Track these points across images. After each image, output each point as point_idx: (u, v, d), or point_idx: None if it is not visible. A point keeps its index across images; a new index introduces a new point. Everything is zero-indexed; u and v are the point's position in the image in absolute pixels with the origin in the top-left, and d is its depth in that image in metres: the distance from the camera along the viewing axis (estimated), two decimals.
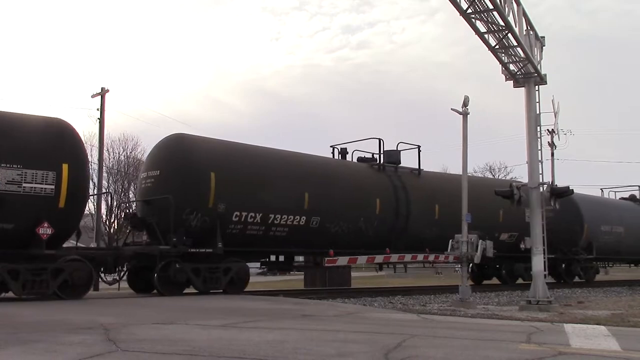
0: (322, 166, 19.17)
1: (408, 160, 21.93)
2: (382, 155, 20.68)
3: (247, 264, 18.36)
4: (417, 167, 21.48)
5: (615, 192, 33.58)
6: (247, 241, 16.50)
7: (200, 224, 15.42)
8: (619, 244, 28.42)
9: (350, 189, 18.99)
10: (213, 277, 15.57)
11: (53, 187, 13.04)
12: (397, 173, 20.81)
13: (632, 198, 32.66)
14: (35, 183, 12.87)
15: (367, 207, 19.14)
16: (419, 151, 21.46)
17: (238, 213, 16.00)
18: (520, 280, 24.18)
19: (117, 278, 15.27)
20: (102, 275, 14.88)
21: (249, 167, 16.79)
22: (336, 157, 21.06)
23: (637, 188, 33.49)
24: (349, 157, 21.07)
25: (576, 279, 27.03)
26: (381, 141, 20.64)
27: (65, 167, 13.23)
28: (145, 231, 16.47)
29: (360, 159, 20.96)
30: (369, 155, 21.16)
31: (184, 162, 15.78)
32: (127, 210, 17.32)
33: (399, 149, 21.40)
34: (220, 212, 15.63)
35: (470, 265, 24.64)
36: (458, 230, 20.16)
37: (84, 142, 15.09)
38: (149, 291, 15.53)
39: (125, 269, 15.34)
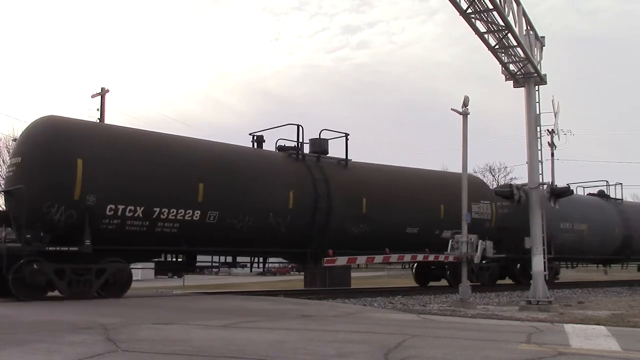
0: (223, 154, 16.83)
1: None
2: (301, 144, 18.60)
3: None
4: (344, 157, 19.44)
5: (583, 187, 31.13)
6: (127, 238, 14.41)
7: (65, 219, 13.41)
8: (582, 243, 26.15)
9: (258, 180, 16.81)
10: (81, 280, 13.58)
11: None
12: (319, 163, 18.65)
13: (601, 194, 30.21)
14: None
15: (277, 201, 16.99)
16: (347, 139, 19.48)
17: (113, 206, 13.92)
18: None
19: None
20: None
21: (128, 154, 14.61)
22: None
23: (604, 183, 30.91)
24: (272, 147, 19.15)
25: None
26: (300, 128, 18.53)
27: None
28: (4, 226, 14.52)
29: (280, 148, 18.83)
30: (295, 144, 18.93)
31: (44, 148, 13.74)
32: None
33: (327, 138, 19.61)
34: (90, 205, 13.59)
35: (414, 266, 23.55)
36: (389, 226, 19.12)
37: None
38: (11, 295, 13.06)
39: None
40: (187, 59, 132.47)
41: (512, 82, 15.11)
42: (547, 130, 29.43)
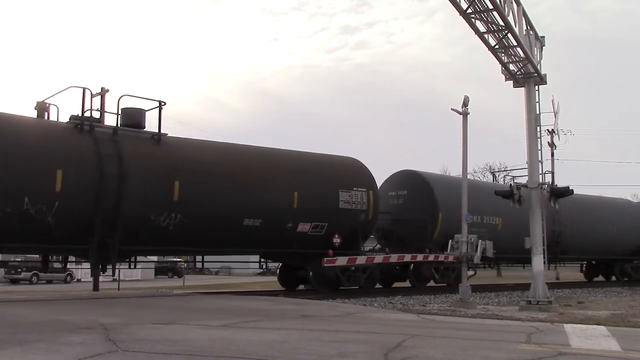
0: None
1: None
2: (98, 113, 15.06)
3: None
4: (157, 130, 15.68)
5: (512, 176, 26.77)
6: None
7: None
8: (495, 239, 20.59)
9: (6, 157, 13.24)
10: None
11: None
12: (116, 137, 14.89)
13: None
14: None
15: (37, 183, 13.42)
16: (160, 109, 15.87)
17: None
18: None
19: None
20: None
21: None
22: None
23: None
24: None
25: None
26: (86, 91, 14.88)
27: None
28: None
29: (73, 118, 15.01)
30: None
31: None
32: None
33: (134, 106, 16.00)
34: None
35: (279, 267, 20.12)
36: (215, 217, 15.45)
37: None
38: None
39: None
40: (186, 59, 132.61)
41: (512, 82, 15.11)
42: (547, 130, 29.16)
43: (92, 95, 15.04)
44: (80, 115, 14.84)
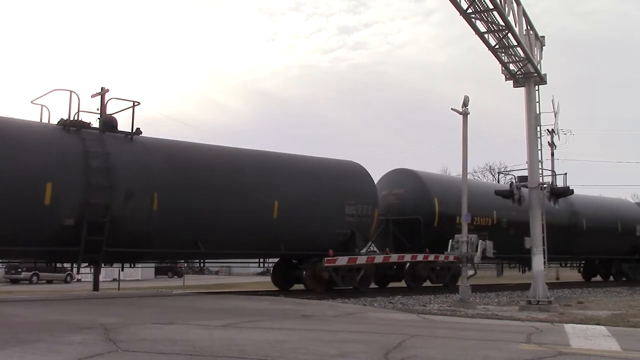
0: None
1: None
2: None
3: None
4: None
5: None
6: None
7: None
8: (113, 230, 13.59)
9: None
10: None
11: None
12: None
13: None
14: None
15: None
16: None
17: None
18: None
19: None
20: None
21: None
22: None
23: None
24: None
25: None
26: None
27: None
28: None
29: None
30: None
31: None
32: None
33: None
34: None
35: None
36: None
37: None
38: None
39: None
40: (185, 59, 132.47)
41: (512, 81, 15.10)
42: (547, 130, 29.20)
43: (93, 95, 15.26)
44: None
